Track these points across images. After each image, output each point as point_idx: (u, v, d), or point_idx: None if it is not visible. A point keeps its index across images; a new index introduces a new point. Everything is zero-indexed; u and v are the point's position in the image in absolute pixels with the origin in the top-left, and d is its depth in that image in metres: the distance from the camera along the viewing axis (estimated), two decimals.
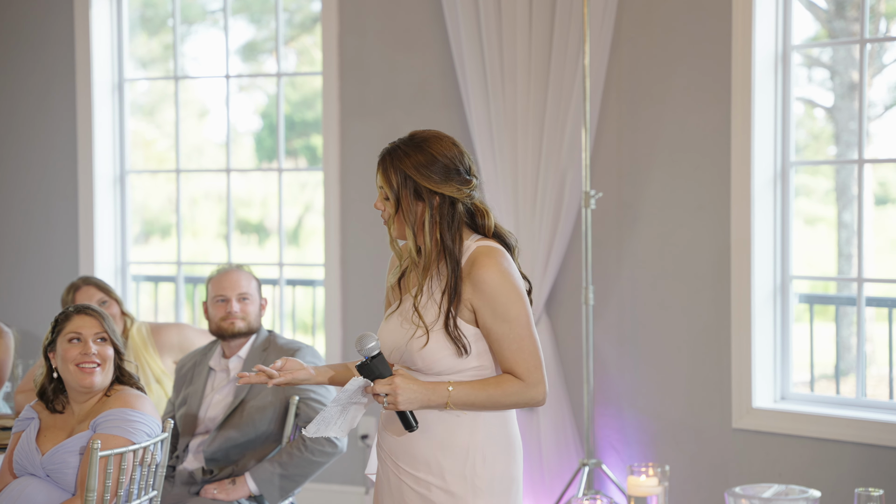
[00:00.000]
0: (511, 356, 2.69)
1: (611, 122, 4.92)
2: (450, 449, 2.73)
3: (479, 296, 2.67)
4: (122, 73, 5.95)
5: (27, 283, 6.04)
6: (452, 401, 2.67)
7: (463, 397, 2.67)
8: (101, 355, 3.35)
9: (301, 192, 9.75)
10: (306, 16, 8.19)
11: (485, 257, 2.68)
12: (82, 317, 3.39)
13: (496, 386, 2.69)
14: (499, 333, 2.68)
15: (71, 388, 3.38)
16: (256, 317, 4.06)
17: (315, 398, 3.91)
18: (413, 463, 2.75)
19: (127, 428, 3.28)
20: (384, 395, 2.65)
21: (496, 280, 2.67)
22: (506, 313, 2.67)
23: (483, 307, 2.67)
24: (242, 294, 4.02)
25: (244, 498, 3.85)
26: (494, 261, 2.68)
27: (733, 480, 4.66)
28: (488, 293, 2.67)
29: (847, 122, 7.91)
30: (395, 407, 2.65)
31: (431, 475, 2.73)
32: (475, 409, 2.70)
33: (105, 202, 5.92)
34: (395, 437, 2.77)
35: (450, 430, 2.73)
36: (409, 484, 2.75)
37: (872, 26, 6.24)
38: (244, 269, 4.10)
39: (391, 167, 2.70)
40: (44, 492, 3.28)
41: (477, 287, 2.67)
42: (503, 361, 2.70)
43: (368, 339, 2.66)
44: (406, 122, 5.33)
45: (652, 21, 4.84)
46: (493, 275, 2.67)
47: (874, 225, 8.80)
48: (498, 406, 2.70)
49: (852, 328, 6.75)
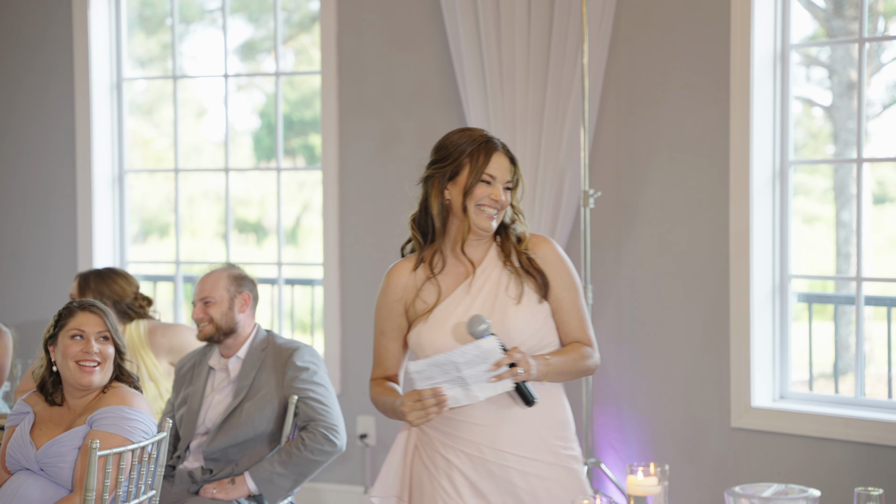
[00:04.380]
0: (578, 324, 2.92)
1: (609, 122, 4.92)
2: (553, 425, 2.88)
3: (550, 268, 2.91)
4: (121, 72, 5.94)
5: (26, 283, 6.03)
6: (552, 369, 2.84)
7: (558, 366, 2.86)
8: (102, 354, 3.35)
9: (299, 191, 9.75)
10: (304, 15, 8.19)
11: (539, 237, 2.97)
12: (86, 314, 3.37)
13: (575, 351, 2.90)
14: (569, 302, 2.91)
15: (68, 384, 3.37)
16: (224, 316, 3.99)
17: (314, 398, 3.91)
18: (526, 444, 2.83)
19: (124, 426, 3.28)
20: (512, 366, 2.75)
21: (559, 254, 2.94)
22: (572, 282, 2.92)
23: (555, 278, 2.90)
24: (204, 298, 4.00)
25: (243, 497, 3.85)
26: (548, 239, 2.97)
27: (732, 480, 4.66)
28: (558, 264, 2.92)
29: (845, 121, 7.92)
30: (527, 375, 2.76)
31: (548, 453, 2.85)
32: (564, 377, 2.88)
33: (103, 201, 5.91)
34: (493, 425, 2.83)
35: (551, 407, 2.88)
36: (518, 468, 2.83)
37: (871, 25, 6.24)
38: (216, 271, 4.04)
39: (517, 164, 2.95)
40: (39, 488, 3.28)
41: (546, 260, 2.91)
42: (571, 330, 2.92)
43: (481, 319, 2.76)
44: (404, 121, 5.33)
45: (650, 20, 4.84)
46: (555, 249, 2.94)
47: (872, 224, 8.81)
48: (578, 373, 2.90)
49: (851, 327, 6.76)
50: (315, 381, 3.94)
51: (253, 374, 3.96)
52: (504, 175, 2.89)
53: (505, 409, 2.83)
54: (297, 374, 3.92)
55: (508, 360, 2.74)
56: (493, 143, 2.91)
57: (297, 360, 3.95)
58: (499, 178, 2.89)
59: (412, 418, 2.75)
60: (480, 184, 2.88)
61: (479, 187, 2.88)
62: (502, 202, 2.89)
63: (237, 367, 4.01)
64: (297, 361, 3.94)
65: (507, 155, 2.91)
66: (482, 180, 2.88)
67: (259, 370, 3.96)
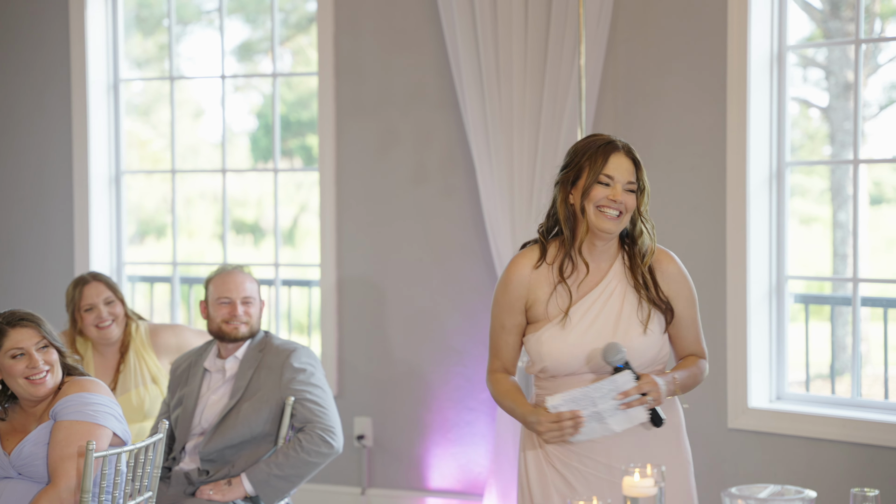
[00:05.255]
0: (695, 338, 3.01)
1: (607, 122, 4.92)
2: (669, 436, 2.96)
3: (671, 285, 2.97)
4: (118, 73, 5.94)
5: (23, 284, 6.03)
6: (678, 386, 2.92)
7: (683, 381, 2.94)
8: (48, 361, 3.32)
9: (297, 192, 9.75)
10: (302, 16, 8.19)
11: (663, 252, 3.01)
12: (18, 330, 3.33)
13: (694, 366, 3.00)
14: (688, 319, 2.99)
15: (22, 398, 3.35)
16: (258, 319, 4.05)
17: (311, 399, 3.91)
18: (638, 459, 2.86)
19: (87, 411, 3.26)
20: (644, 395, 2.82)
21: (680, 270, 2.99)
22: (692, 299, 3.00)
23: (676, 296, 2.97)
24: (246, 297, 4.00)
25: (240, 499, 3.85)
26: (671, 255, 3.01)
27: (729, 480, 4.66)
28: (679, 280, 2.98)
29: (842, 122, 7.93)
30: (658, 402, 2.83)
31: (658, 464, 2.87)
32: (685, 391, 2.95)
33: (100, 202, 5.91)
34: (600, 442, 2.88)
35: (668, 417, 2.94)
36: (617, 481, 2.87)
37: (867, 26, 6.25)
38: (245, 271, 4.08)
39: (642, 167, 2.95)
40: (21, 490, 3.27)
41: (667, 276, 2.97)
42: (688, 345, 3.01)
43: (618, 348, 2.82)
44: (402, 122, 5.33)
45: (648, 21, 4.84)
46: (677, 266, 3.00)
47: (869, 225, 8.82)
48: (695, 385, 3.01)
49: (847, 328, 6.76)
50: (312, 383, 3.94)
51: (250, 375, 3.96)
52: (624, 176, 2.88)
53: None
54: (294, 375, 3.92)
55: (639, 390, 2.81)
56: (613, 144, 2.91)
57: (295, 362, 3.95)
58: (617, 178, 2.88)
59: (548, 438, 2.85)
60: (598, 185, 2.88)
61: (597, 188, 2.88)
62: (622, 203, 2.88)
63: (234, 368, 4.01)
64: (294, 363, 3.94)
65: (629, 156, 2.90)
66: (599, 182, 2.88)
67: (256, 371, 3.96)
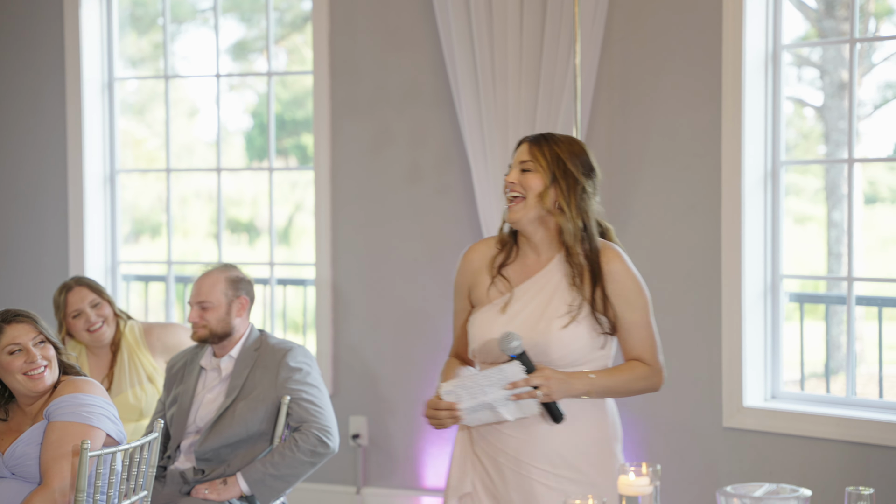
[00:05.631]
0: (640, 343, 2.87)
1: (601, 122, 4.93)
2: (590, 442, 2.86)
3: (614, 285, 2.85)
4: (112, 72, 5.93)
5: (17, 283, 6.02)
6: (595, 388, 2.82)
7: (603, 384, 2.82)
8: (46, 357, 3.33)
9: (291, 191, 9.75)
10: (297, 15, 8.19)
11: (612, 250, 2.89)
12: (14, 326, 3.34)
13: (629, 371, 2.86)
14: (630, 321, 2.85)
15: (21, 395, 3.35)
16: (221, 321, 3.97)
17: (307, 398, 3.91)
18: (549, 460, 2.82)
19: (81, 413, 3.26)
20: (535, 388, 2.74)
21: (626, 270, 2.87)
22: (636, 301, 2.86)
23: (618, 295, 2.85)
24: (202, 301, 3.98)
25: (235, 498, 3.85)
26: (620, 254, 2.89)
27: (724, 479, 4.67)
28: (621, 282, 2.86)
29: (836, 122, 7.94)
30: (549, 398, 2.75)
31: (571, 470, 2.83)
32: (610, 395, 2.85)
33: (95, 201, 5.90)
34: (520, 437, 2.83)
35: (589, 424, 2.86)
36: (542, 482, 2.82)
37: (862, 25, 6.25)
38: (214, 272, 4.02)
39: (546, 147, 2.85)
40: (14, 489, 3.27)
41: (611, 276, 2.85)
42: (631, 349, 2.87)
43: (513, 337, 2.75)
44: (397, 121, 5.32)
45: (643, 20, 4.85)
46: (623, 265, 2.87)
47: (864, 224, 8.83)
48: (629, 392, 2.86)
49: (842, 327, 6.77)
50: (308, 382, 3.94)
51: (245, 374, 3.95)
52: (518, 158, 2.87)
53: (536, 424, 2.84)
54: (290, 374, 3.92)
55: (527, 383, 2.75)
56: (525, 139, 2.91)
57: (291, 361, 3.94)
58: (513, 164, 2.89)
59: (430, 423, 2.82)
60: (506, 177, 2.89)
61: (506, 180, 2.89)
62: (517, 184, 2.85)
63: (229, 367, 4.01)
64: (290, 362, 3.94)
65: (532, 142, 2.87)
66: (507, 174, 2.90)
67: (252, 370, 3.96)
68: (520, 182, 2.85)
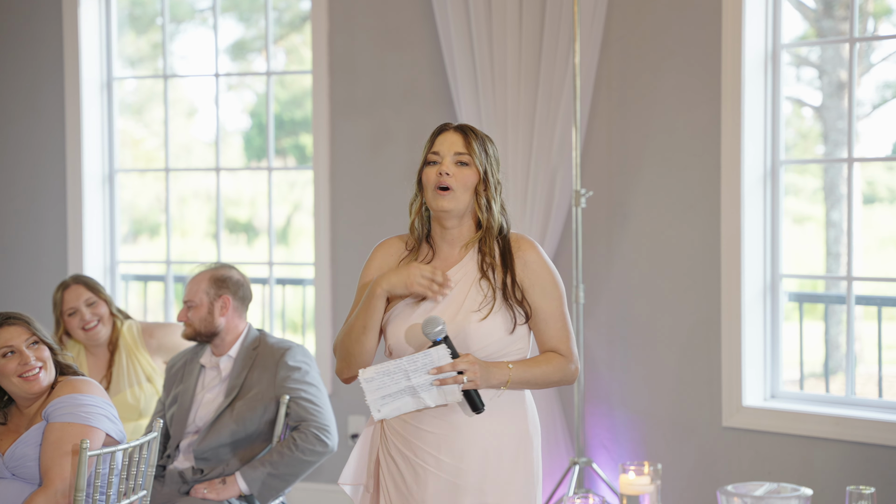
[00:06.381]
0: (555, 333, 2.86)
1: (601, 121, 4.93)
2: (510, 437, 2.83)
3: (528, 274, 2.85)
4: (111, 71, 5.93)
5: (16, 283, 6.02)
6: (513, 377, 2.80)
7: (521, 374, 2.80)
8: (40, 358, 3.34)
9: (290, 190, 9.74)
10: (295, 14, 8.19)
11: (526, 241, 2.89)
12: (7, 328, 3.35)
13: (546, 363, 2.85)
14: (546, 312, 2.85)
15: (18, 397, 3.35)
16: (203, 320, 3.98)
17: (306, 398, 3.90)
18: (460, 455, 2.78)
19: (79, 413, 3.26)
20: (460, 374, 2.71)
21: (541, 260, 2.87)
22: (552, 291, 2.85)
23: (533, 285, 2.84)
24: (187, 301, 4.00)
25: (234, 497, 3.84)
26: (534, 244, 2.89)
27: (724, 479, 4.67)
28: (537, 271, 2.85)
29: (835, 121, 7.94)
30: (473, 384, 2.73)
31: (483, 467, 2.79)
32: (529, 386, 2.83)
33: (94, 201, 5.90)
34: (438, 433, 2.80)
35: (509, 418, 2.83)
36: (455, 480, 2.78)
37: (861, 25, 6.25)
38: (200, 272, 4.04)
39: (477, 140, 2.86)
40: (14, 490, 3.27)
41: (527, 265, 2.85)
42: (547, 340, 2.87)
43: (436, 321, 2.73)
44: (396, 120, 5.32)
45: (642, 20, 4.85)
46: (539, 255, 2.87)
47: (862, 223, 8.83)
48: (546, 383, 2.84)
49: (841, 326, 6.78)
50: (307, 381, 3.93)
51: (244, 374, 3.95)
52: (451, 148, 2.84)
53: (457, 418, 2.80)
54: (288, 373, 3.92)
55: (453, 367, 2.71)
56: (445, 126, 2.88)
57: (289, 360, 3.94)
58: (443, 152, 2.84)
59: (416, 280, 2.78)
60: (427, 166, 2.86)
61: (427, 170, 2.85)
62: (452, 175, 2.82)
63: (228, 366, 4.01)
64: (289, 361, 3.94)
65: (459, 132, 2.85)
66: (428, 162, 2.86)
67: (250, 369, 3.96)
68: (454, 175, 2.83)
